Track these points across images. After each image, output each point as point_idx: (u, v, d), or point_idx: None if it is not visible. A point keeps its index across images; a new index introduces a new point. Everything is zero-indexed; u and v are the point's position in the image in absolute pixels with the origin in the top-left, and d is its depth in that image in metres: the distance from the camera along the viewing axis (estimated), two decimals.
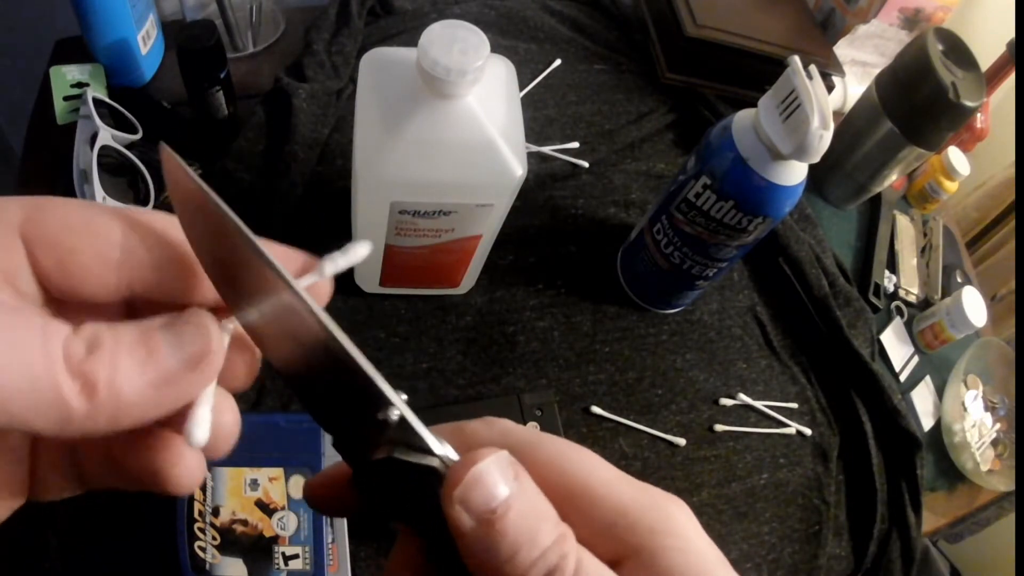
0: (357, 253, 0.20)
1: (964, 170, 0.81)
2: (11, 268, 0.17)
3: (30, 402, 0.14)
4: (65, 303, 0.18)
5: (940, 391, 0.72)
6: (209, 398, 0.18)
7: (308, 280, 0.19)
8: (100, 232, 0.17)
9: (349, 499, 0.20)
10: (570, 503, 0.18)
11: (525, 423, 0.51)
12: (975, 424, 0.71)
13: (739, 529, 0.55)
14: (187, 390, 0.17)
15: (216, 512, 0.41)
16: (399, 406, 0.17)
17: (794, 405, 0.62)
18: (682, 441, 0.57)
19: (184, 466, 0.19)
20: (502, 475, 0.17)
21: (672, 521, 0.18)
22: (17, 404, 0.14)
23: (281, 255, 0.19)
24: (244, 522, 0.41)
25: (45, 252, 0.17)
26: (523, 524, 0.17)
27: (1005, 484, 0.68)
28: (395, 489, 0.18)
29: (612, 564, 0.17)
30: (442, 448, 0.18)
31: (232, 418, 0.19)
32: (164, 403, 0.16)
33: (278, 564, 0.41)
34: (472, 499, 0.17)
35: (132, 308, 0.19)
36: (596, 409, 0.56)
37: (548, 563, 0.16)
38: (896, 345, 0.72)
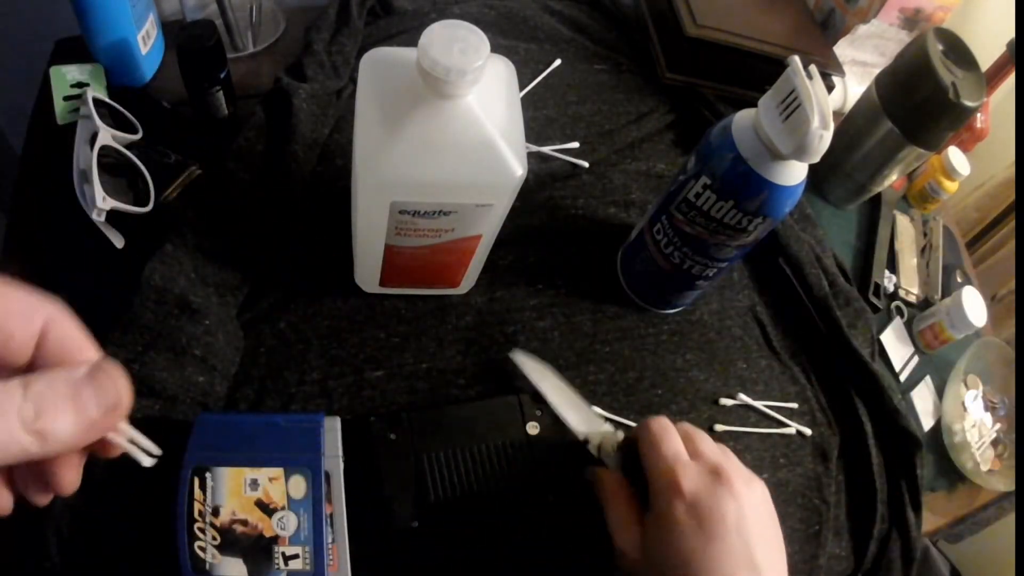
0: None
1: (964, 170, 0.81)
2: None
3: (2, 453, 0.22)
4: None
5: (940, 391, 0.72)
6: (129, 431, 0.27)
7: None
8: (30, 323, 0.25)
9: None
10: None
11: (525, 423, 0.51)
12: (975, 424, 0.71)
13: None
14: (105, 429, 0.25)
15: (216, 512, 0.41)
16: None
17: (794, 405, 0.62)
18: None
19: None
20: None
21: None
22: None
23: None
24: (244, 522, 0.41)
25: None
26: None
27: (1005, 484, 0.68)
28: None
29: None
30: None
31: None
32: (90, 437, 0.25)
33: (278, 564, 0.41)
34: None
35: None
36: (596, 409, 0.56)
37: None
38: (896, 345, 0.72)
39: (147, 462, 0.28)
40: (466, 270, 0.54)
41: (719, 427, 0.59)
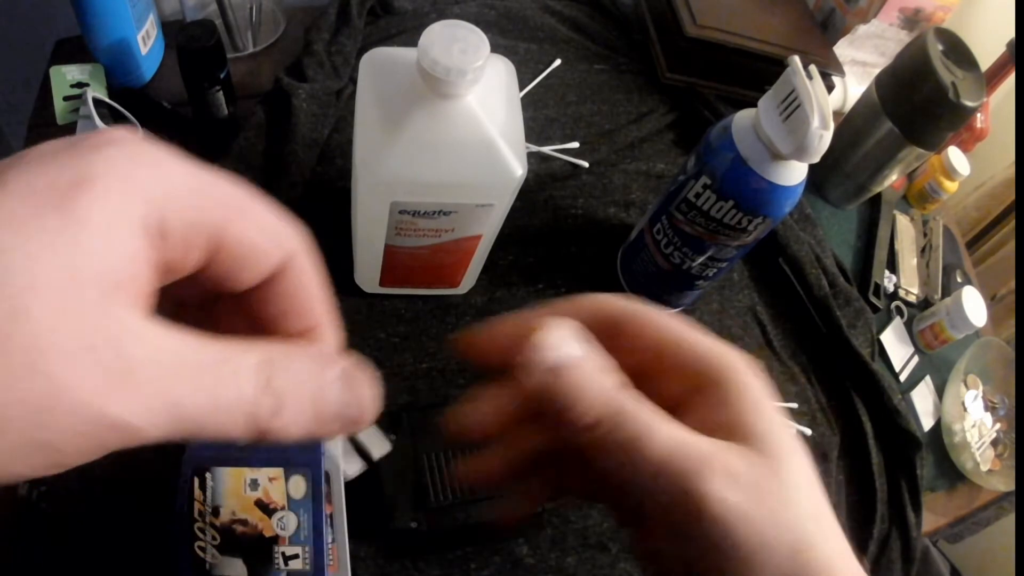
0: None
1: (964, 170, 0.81)
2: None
3: (215, 430, 0.16)
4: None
5: (940, 391, 0.72)
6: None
7: None
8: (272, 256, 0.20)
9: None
10: (658, 355, 0.24)
11: None
12: (975, 424, 0.71)
13: None
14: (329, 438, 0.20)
15: (216, 512, 0.41)
16: None
17: (794, 405, 0.62)
18: None
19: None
20: (563, 342, 0.21)
21: (736, 362, 0.24)
22: (206, 431, 0.16)
23: None
24: (244, 522, 0.41)
25: (225, 264, 0.18)
26: (586, 379, 0.21)
27: (1005, 484, 0.68)
28: None
29: (685, 396, 0.23)
30: None
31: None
32: (305, 440, 0.19)
33: (278, 564, 0.41)
34: (533, 361, 0.21)
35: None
36: None
37: (605, 403, 0.21)
38: (896, 345, 0.72)
39: (352, 470, 0.21)
40: (466, 270, 0.54)
41: None
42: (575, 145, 0.70)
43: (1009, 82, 0.79)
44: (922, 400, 0.71)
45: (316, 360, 0.19)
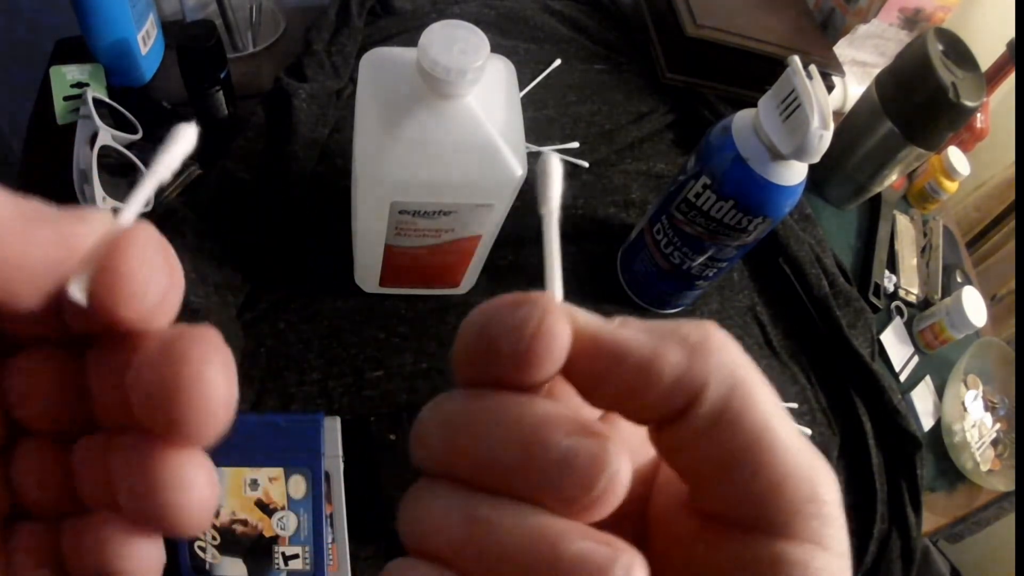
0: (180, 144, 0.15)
1: (964, 170, 0.81)
2: None
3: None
4: None
5: (940, 391, 0.72)
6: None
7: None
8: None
9: None
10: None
11: None
12: (975, 424, 0.71)
13: None
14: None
15: (216, 512, 0.41)
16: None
17: (794, 405, 0.62)
18: None
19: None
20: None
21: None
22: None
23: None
24: (244, 522, 0.41)
25: None
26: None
27: (1005, 484, 0.68)
28: None
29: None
30: None
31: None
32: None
33: (278, 564, 0.41)
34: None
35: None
36: None
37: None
38: (896, 345, 0.72)
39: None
40: (466, 270, 0.54)
41: None
42: (575, 145, 0.70)
43: (1009, 82, 0.79)
44: (922, 400, 0.71)
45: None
